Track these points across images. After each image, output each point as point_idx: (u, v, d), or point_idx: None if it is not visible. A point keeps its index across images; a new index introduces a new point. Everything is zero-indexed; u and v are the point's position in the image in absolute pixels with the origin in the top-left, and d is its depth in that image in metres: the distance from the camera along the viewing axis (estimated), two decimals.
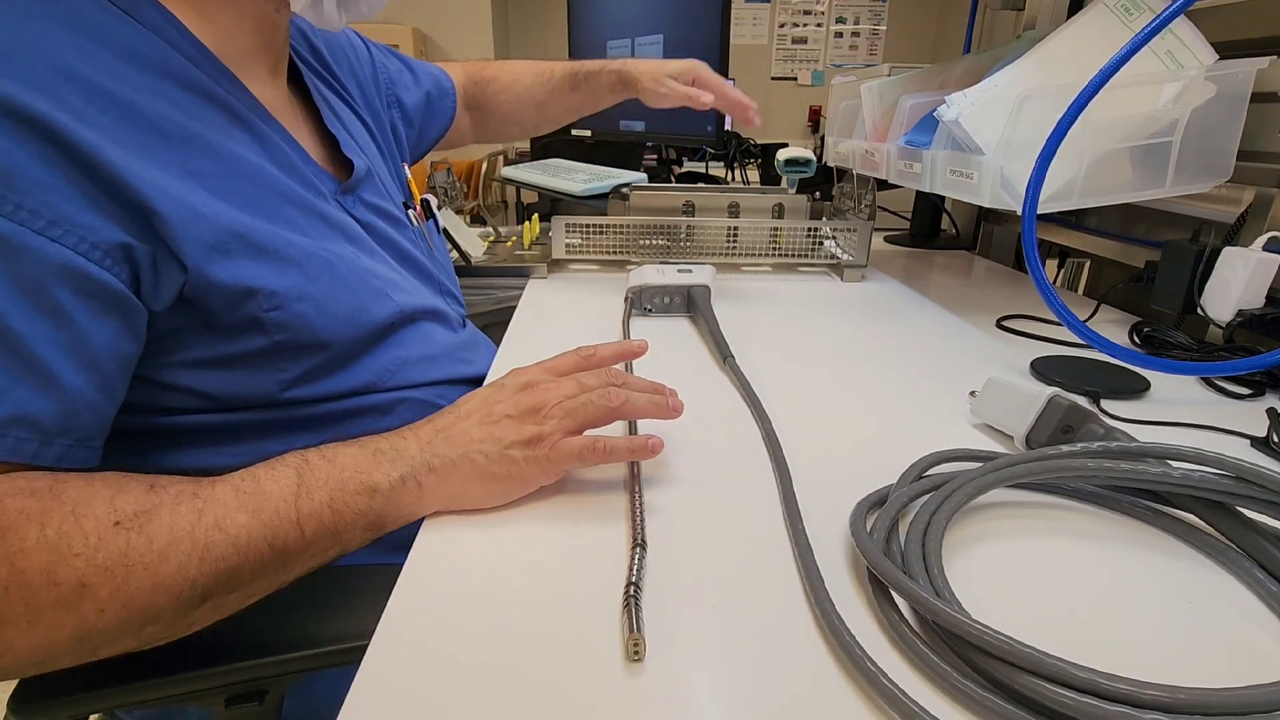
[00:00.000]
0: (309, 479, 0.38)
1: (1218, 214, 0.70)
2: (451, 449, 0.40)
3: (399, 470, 0.39)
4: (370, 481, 0.39)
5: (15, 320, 0.34)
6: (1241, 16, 0.70)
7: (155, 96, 0.41)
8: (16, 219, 0.34)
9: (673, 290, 0.76)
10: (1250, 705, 0.25)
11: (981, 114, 0.66)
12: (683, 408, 0.45)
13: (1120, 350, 0.58)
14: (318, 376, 0.48)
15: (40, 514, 0.33)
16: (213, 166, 0.43)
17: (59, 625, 0.32)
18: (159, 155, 0.40)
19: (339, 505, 0.38)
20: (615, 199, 0.97)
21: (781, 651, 0.31)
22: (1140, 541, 0.39)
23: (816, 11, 3.74)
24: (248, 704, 0.41)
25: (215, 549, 0.35)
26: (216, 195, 0.42)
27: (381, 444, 0.41)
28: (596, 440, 0.41)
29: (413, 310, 0.56)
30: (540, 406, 0.42)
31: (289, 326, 0.45)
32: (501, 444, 0.40)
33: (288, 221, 0.47)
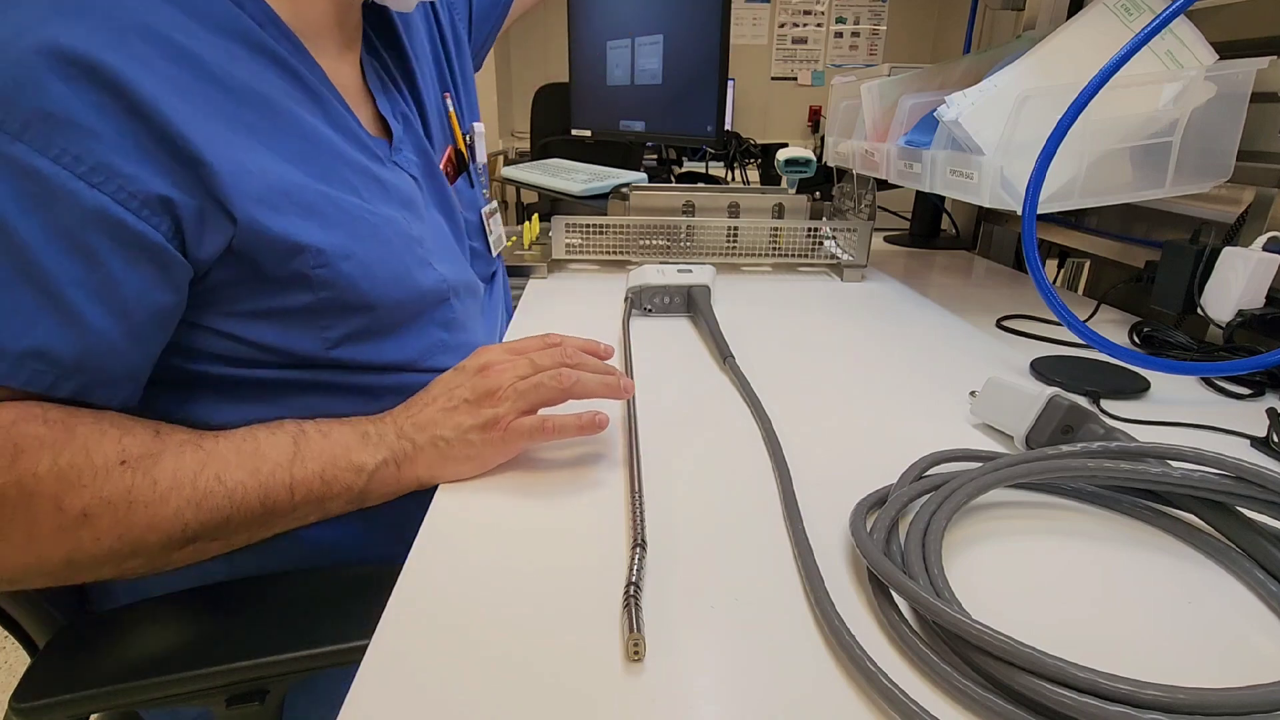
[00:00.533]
0: (304, 449, 0.42)
1: (1218, 214, 0.70)
2: (420, 434, 0.44)
3: (381, 453, 0.43)
4: (359, 461, 0.43)
5: (47, 259, 0.35)
6: (1241, 16, 0.70)
7: (222, 54, 0.42)
8: (61, 163, 0.35)
9: (673, 290, 0.76)
10: (1250, 705, 0.25)
11: (981, 114, 0.66)
12: (633, 388, 0.48)
13: (1120, 350, 0.58)
14: (361, 339, 0.49)
15: (54, 443, 0.35)
16: (270, 124, 0.44)
17: (54, 548, 0.35)
18: (219, 109, 0.41)
19: (329, 477, 0.42)
20: (615, 199, 0.97)
21: (781, 651, 0.31)
22: (1140, 541, 0.39)
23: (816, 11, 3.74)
24: (249, 704, 0.41)
25: (212, 499, 0.38)
26: (272, 152, 0.43)
27: (368, 427, 0.45)
28: (546, 420, 0.44)
29: (455, 283, 0.57)
30: (495, 389, 0.44)
31: (334, 284, 0.46)
32: (460, 429, 0.43)
33: (341, 183, 0.48)
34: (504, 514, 0.41)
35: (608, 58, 1.40)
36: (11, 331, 0.35)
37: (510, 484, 0.44)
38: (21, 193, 0.34)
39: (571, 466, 0.46)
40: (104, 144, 0.36)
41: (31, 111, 0.34)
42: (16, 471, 0.34)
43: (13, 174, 0.34)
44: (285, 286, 0.44)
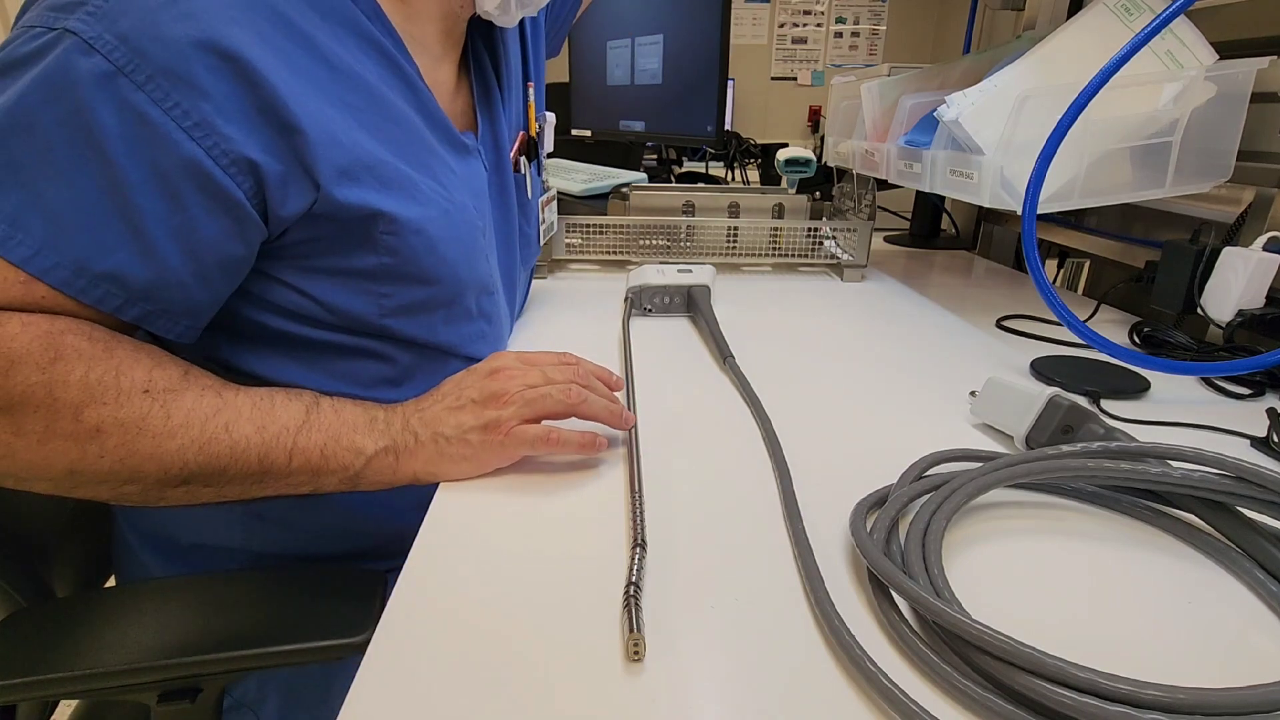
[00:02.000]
0: (314, 420, 0.44)
1: (1218, 214, 0.70)
2: (423, 429, 0.45)
3: (382, 441, 0.45)
4: (360, 444, 0.44)
5: (139, 195, 0.39)
6: (1241, 16, 0.70)
7: (331, 38, 0.45)
8: (172, 115, 0.38)
9: (673, 290, 0.76)
10: (1250, 705, 0.25)
11: (981, 114, 0.66)
12: (634, 421, 0.49)
13: (1120, 350, 0.58)
14: (413, 313, 0.51)
15: (91, 357, 0.38)
16: (366, 105, 0.47)
17: (62, 454, 0.38)
18: (322, 85, 0.44)
19: (329, 453, 0.43)
20: (615, 199, 0.97)
21: (781, 652, 0.31)
22: (1140, 541, 0.39)
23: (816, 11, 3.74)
24: (180, 702, 0.41)
25: (215, 445, 0.41)
26: (364, 129, 0.46)
27: (378, 413, 0.46)
28: (551, 430, 0.44)
29: (503, 278, 0.59)
30: (503, 393, 0.45)
31: (398, 252, 0.48)
32: (461, 428, 0.44)
33: (422, 166, 0.50)
34: (504, 514, 0.41)
35: (608, 58, 1.40)
36: (96, 253, 0.39)
37: (510, 484, 0.44)
38: (133, 135, 0.38)
39: (572, 467, 0.46)
40: (211, 104, 0.39)
41: (157, 67, 0.38)
42: (50, 374, 0.37)
43: (130, 118, 0.38)
44: (356, 247, 0.47)
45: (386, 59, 0.50)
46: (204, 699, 0.42)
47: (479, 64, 0.62)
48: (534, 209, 0.72)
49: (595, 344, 0.67)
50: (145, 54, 0.38)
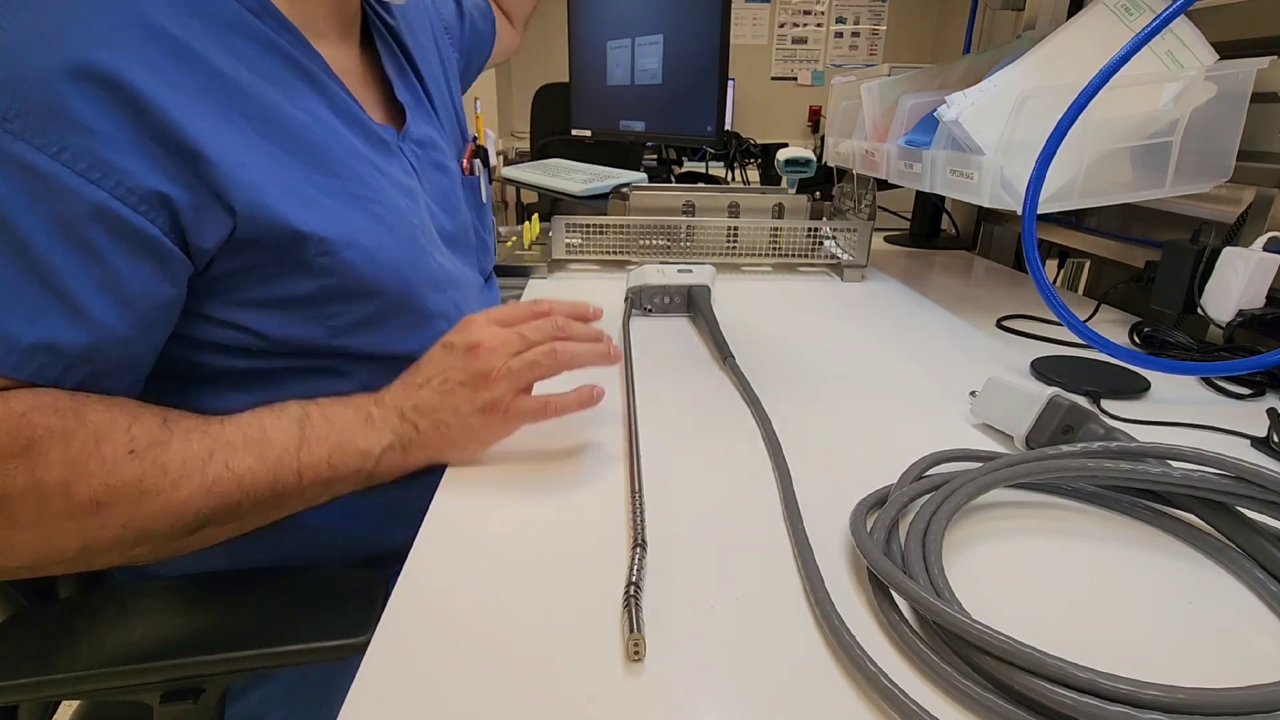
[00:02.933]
0: (310, 434, 0.43)
1: (1218, 214, 0.70)
2: (422, 419, 0.44)
3: (387, 437, 0.44)
4: (365, 446, 0.44)
5: (50, 254, 0.36)
6: (1241, 16, 0.70)
7: (221, 47, 0.43)
8: (60, 159, 0.36)
9: (673, 290, 0.76)
10: (1250, 705, 0.25)
11: (981, 114, 0.66)
12: (620, 354, 0.50)
13: (1120, 350, 0.58)
14: (366, 328, 0.49)
15: (64, 432, 0.36)
16: (271, 115, 0.44)
17: (66, 535, 0.36)
18: (218, 102, 0.41)
19: (336, 461, 0.43)
20: (615, 199, 0.97)
21: (781, 651, 0.31)
22: (1140, 541, 0.39)
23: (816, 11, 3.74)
24: (182, 702, 0.41)
25: (222, 485, 0.39)
26: (271, 142, 0.44)
27: (371, 409, 0.45)
28: (548, 402, 0.45)
29: (455, 275, 0.57)
30: (489, 371, 0.44)
31: (336, 271, 0.46)
32: (460, 414, 0.44)
33: (344, 171, 0.48)
34: (504, 514, 0.41)
35: (608, 58, 1.40)
36: (19, 325, 0.36)
37: (510, 483, 0.44)
38: (23, 189, 0.35)
39: (572, 466, 0.46)
40: (101, 140, 0.36)
41: (32, 108, 0.35)
42: (28, 460, 0.35)
43: (14, 171, 0.35)
44: (288, 274, 0.45)
45: (285, 59, 0.47)
46: (206, 699, 0.42)
47: (389, 50, 0.60)
48: (489, 215, 0.71)
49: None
50: (16, 95, 0.35)
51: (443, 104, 0.65)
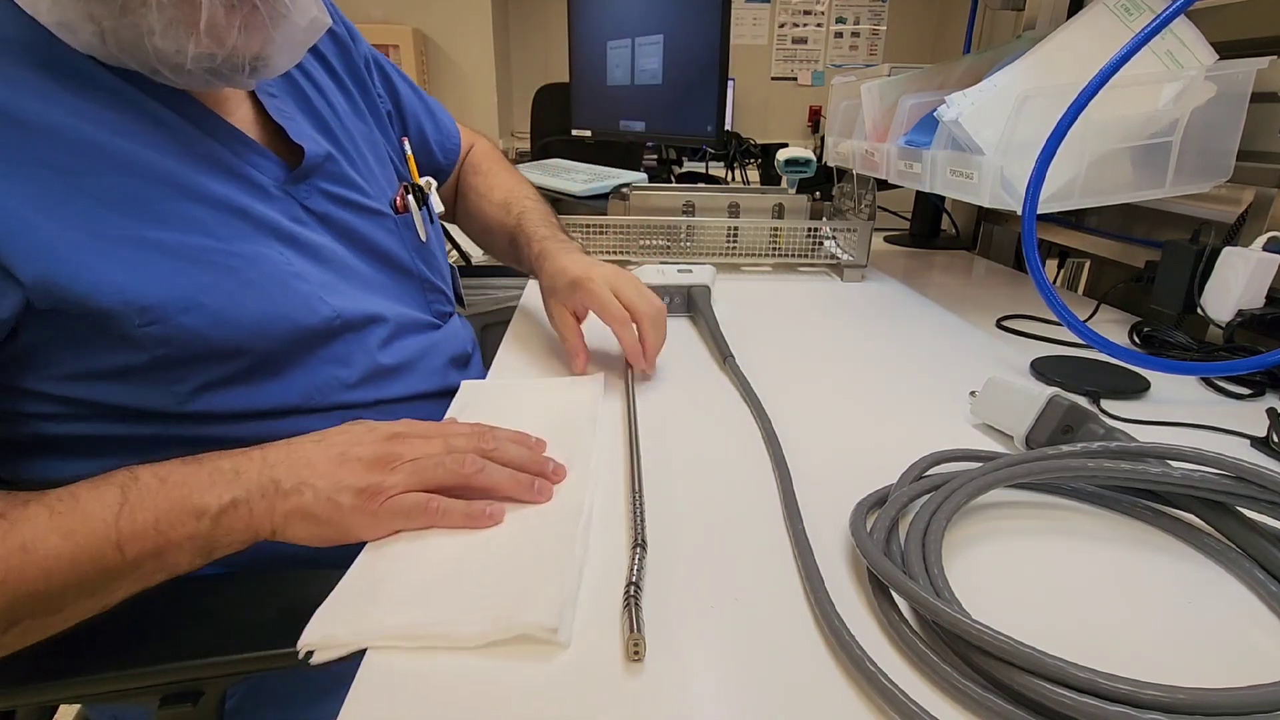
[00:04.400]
0: (135, 498, 0.36)
1: (1218, 214, 0.70)
2: (289, 475, 0.38)
3: (232, 492, 0.37)
4: (200, 504, 0.36)
5: None
6: (1241, 16, 0.70)
7: (26, 91, 0.39)
8: None
9: (673, 290, 0.76)
10: (1250, 705, 0.25)
11: (981, 114, 0.66)
12: (550, 493, 0.41)
13: (1120, 350, 0.58)
14: (227, 386, 0.45)
15: None
16: (87, 164, 0.40)
17: None
18: (9, 154, 0.37)
19: (165, 527, 0.36)
20: (615, 199, 0.97)
21: (781, 651, 0.31)
22: (1140, 541, 0.39)
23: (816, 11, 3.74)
24: (182, 705, 0.40)
25: (20, 574, 0.33)
26: (89, 195, 0.39)
27: (222, 462, 0.39)
28: (430, 500, 0.38)
29: (359, 316, 0.52)
30: (394, 458, 0.39)
31: (172, 340, 0.41)
32: (336, 485, 0.38)
33: (185, 222, 0.43)
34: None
35: (608, 58, 1.40)
36: None
37: None
38: None
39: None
40: None
41: None
42: None
43: None
44: (111, 347, 0.40)
45: (114, 95, 0.42)
46: (205, 702, 0.41)
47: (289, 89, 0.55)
48: (434, 255, 0.65)
49: (593, 344, 0.67)
50: None
51: (363, 146, 0.60)
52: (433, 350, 0.60)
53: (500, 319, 0.82)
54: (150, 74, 0.42)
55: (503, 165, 0.83)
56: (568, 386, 0.57)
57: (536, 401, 0.54)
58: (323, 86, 0.59)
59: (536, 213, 0.74)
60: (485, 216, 0.77)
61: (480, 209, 0.77)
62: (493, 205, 0.77)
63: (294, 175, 0.52)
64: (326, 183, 0.54)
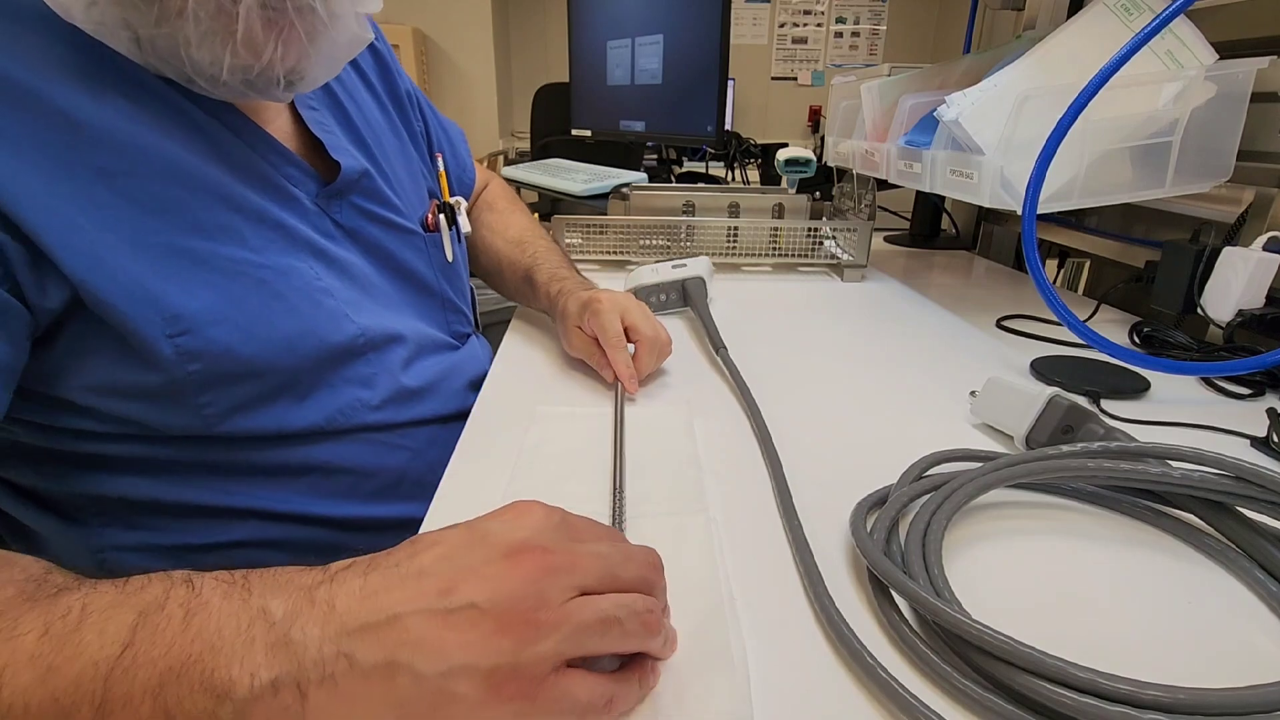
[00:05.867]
0: (145, 639, 0.24)
1: (1218, 214, 0.70)
2: (373, 650, 0.24)
3: (276, 669, 0.24)
4: (223, 678, 0.23)
5: None
6: (1241, 16, 0.70)
7: (74, 88, 0.39)
8: None
9: (667, 286, 0.75)
10: (1250, 705, 0.25)
11: (981, 114, 0.66)
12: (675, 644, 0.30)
13: (1120, 350, 0.58)
14: (254, 408, 0.44)
15: None
16: (129, 165, 0.40)
17: None
18: (54, 150, 0.37)
19: (168, 700, 0.23)
20: (615, 199, 0.97)
21: (782, 650, 0.31)
22: (1140, 541, 0.39)
23: (816, 11, 3.74)
24: None
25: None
26: (125, 198, 0.39)
27: (273, 602, 0.25)
28: (613, 694, 0.26)
29: (382, 335, 0.52)
30: (541, 605, 0.25)
31: (201, 355, 0.41)
32: (451, 665, 0.24)
33: (221, 231, 0.43)
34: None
35: (608, 58, 1.40)
36: None
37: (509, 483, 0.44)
38: None
39: (570, 464, 0.46)
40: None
41: None
42: None
43: None
44: (139, 360, 0.40)
45: (162, 100, 0.42)
46: None
47: (326, 103, 0.55)
48: (459, 275, 0.65)
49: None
50: None
51: (397, 163, 0.61)
52: (453, 372, 0.60)
53: (500, 319, 0.82)
54: (185, 83, 0.42)
55: (517, 205, 0.84)
56: (656, 418, 0.52)
57: (631, 440, 0.48)
58: (361, 102, 0.59)
59: (555, 254, 0.74)
60: (497, 252, 0.77)
61: (493, 245, 0.77)
62: (507, 243, 0.77)
63: (329, 190, 0.52)
64: (361, 199, 0.54)
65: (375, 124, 0.60)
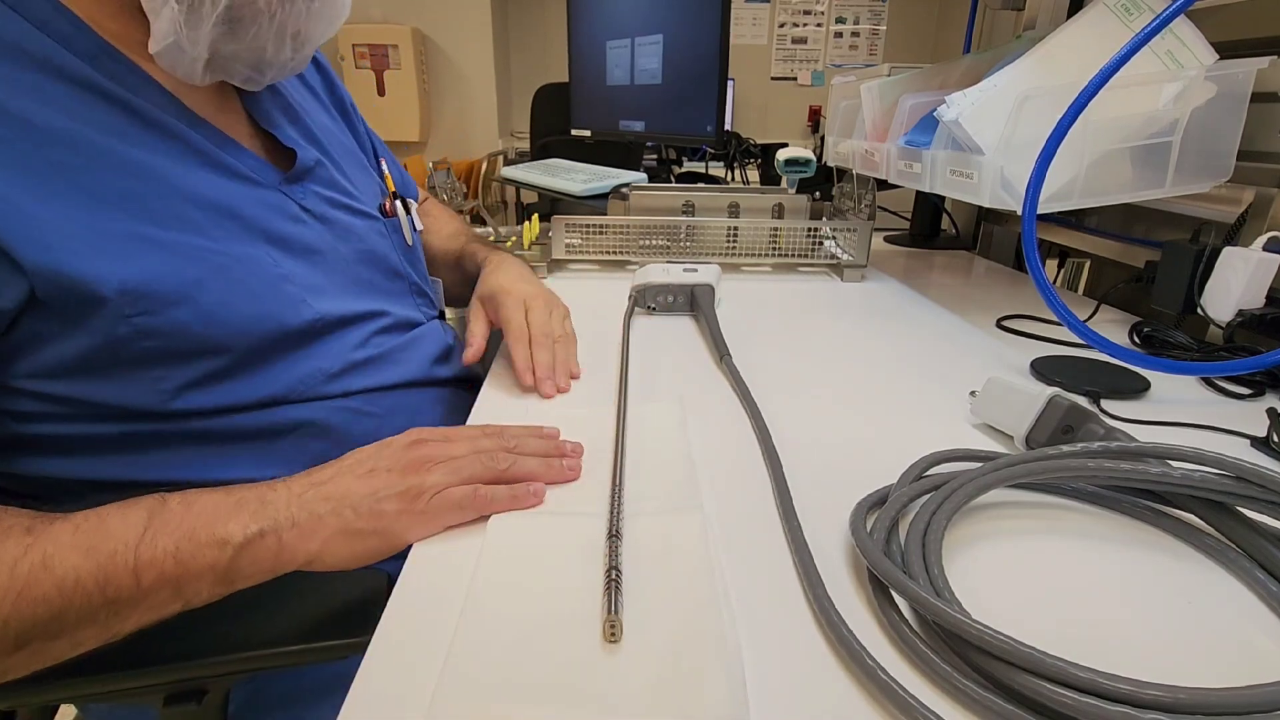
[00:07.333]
0: (159, 523, 0.35)
1: (1218, 214, 0.70)
2: (321, 503, 0.38)
3: (258, 523, 0.36)
4: (223, 533, 0.36)
5: None
6: (1241, 16, 0.70)
7: (23, 91, 0.39)
8: None
9: (675, 289, 0.76)
10: (1250, 705, 0.25)
11: (981, 114, 0.66)
12: (579, 470, 0.44)
13: (1120, 350, 0.58)
14: (210, 384, 0.45)
15: None
16: (85, 162, 0.40)
17: None
18: (6, 148, 0.38)
19: (185, 555, 0.35)
20: (615, 199, 0.97)
21: (781, 650, 0.31)
22: (1140, 541, 0.39)
23: (816, 11, 3.74)
24: (186, 704, 0.41)
25: (36, 589, 0.32)
26: (82, 191, 0.40)
27: (248, 493, 0.38)
28: (477, 489, 0.40)
29: (345, 315, 0.53)
30: (425, 461, 0.40)
31: (160, 333, 0.42)
32: (374, 496, 0.38)
33: (178, 221, 0.44)
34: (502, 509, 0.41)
35: (608, 58, 1.40)
36: None
37: None
38: None
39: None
40: None
41: None
42: None
43: None
44: (103, 336, 0.40)
45: (117, 104, 0.43)
46: (210, 700, 0.42)
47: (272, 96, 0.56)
48: (419, 261, 0.68)
49: (595, 341, 0.67)
50: None
51: (348, 161, 0.62)
52: (417, 341, 0.61)
53: None
54: (243, 82, 0.49)
55: (449, 212, 0.90)
56: (650, 416, 0.52)
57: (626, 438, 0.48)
58: (309, 108, 0.61)
59: (484, 241, 0.80)
60: (432, 249, 0.81)
61: (429, 243, 0.81)
62: (440, 238, 0.83)
63: (289, 176, 0.53)
64: (318, 186, 0.56)
65: (323, 126, 0.62)
